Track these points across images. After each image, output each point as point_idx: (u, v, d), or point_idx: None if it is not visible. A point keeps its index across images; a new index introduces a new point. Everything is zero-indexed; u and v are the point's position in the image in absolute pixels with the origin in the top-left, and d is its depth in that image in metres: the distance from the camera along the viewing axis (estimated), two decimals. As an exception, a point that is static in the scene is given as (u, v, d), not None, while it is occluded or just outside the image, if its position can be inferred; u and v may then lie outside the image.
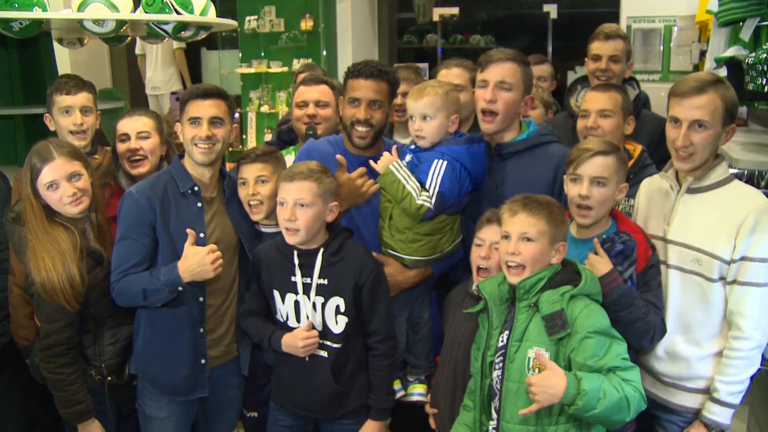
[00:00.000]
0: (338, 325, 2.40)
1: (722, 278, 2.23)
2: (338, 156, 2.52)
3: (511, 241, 2.11)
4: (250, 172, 2.58)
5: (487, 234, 2.38)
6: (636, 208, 2.54)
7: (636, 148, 2.85)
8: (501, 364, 2.10)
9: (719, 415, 2.22)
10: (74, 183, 2.46)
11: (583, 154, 2.27)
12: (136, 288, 2.39)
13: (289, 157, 3.03)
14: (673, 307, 2.32)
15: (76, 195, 2.45)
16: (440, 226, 2.51)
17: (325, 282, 2.37)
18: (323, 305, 2.38)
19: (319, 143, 2.77)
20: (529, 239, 2.09)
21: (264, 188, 2.57)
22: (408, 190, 2.40)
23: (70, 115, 2.99)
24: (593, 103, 2.83)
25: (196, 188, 2.51)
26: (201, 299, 2.52)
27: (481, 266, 2.38)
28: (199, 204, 2.51)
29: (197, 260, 2.33)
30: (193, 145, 2.46)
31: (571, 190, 2.31)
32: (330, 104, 3.15)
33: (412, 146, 2.56)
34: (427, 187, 2.41)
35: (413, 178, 2.43)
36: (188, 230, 2.39)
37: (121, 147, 2.88)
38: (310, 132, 3.02)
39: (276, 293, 2.45)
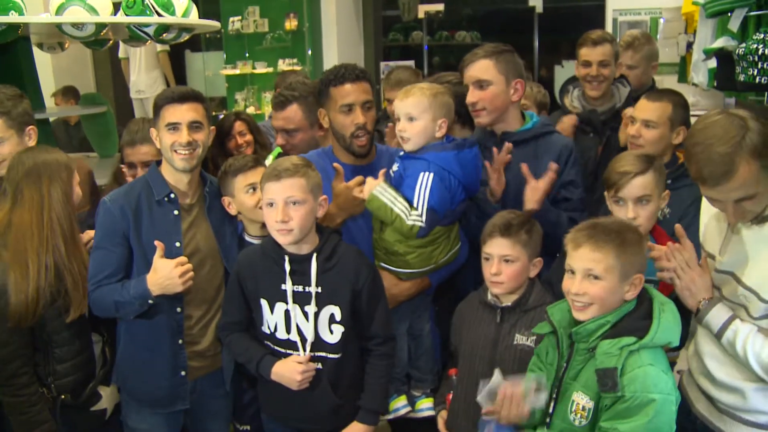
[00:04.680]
0: (333, 334, 2.29)
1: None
2: (335, 165, 2.45)
3: (575, 279, 1.90)
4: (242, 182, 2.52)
5: (492, 248, 2.26)
6: (701, 222, 2.32)
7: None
8: (555, 395, 1.98)
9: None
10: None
11: (623, 177, 2.22)
12: (108, 300, 2.34)
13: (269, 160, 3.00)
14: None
15: None
16: (433, 238, 2.42)
17: (319, 290, 2.26)
18: (316, 315, 2.27)
19: (309, 156, 2.69)
20: (595, 276, 1.87)
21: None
22: (396, 213, 2.30)
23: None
24: (641, 111, 2.82)
25: (172, 195, 2.44)
26: (179, 310, 2.44)
27: (494, 281, 2.27)
28: (176, 212, 2.44)
29: (165, 273, 2.26)
30: (172, 151, 2.38)
31: (617, 212, 2.26)
32: (300, 129, 2.99)
33: (401, 152, 2.48)
34: (414, 204, 2.31)
35: (400, 198, 2.32)
36: (156, 242, 2.31)
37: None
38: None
39: (264, 302, 2.31)
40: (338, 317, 2.26)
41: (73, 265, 2.38)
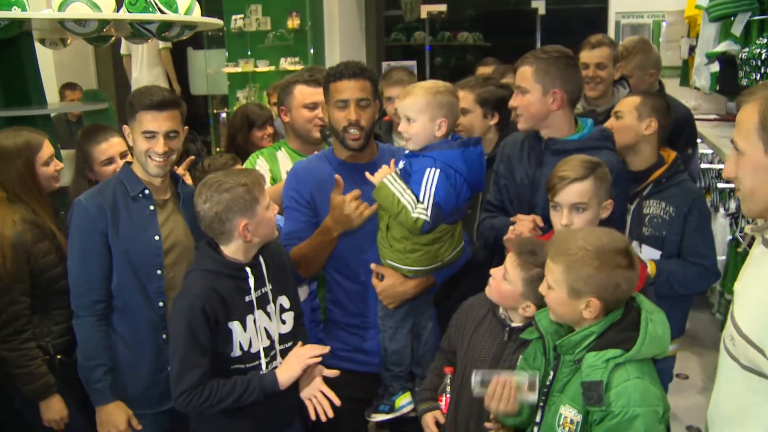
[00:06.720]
0: (286, 324, 2.32)
1: (760, 373, 1.54)
2: (337, 176, 2.43)
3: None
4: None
5: (506, 259, 2.19)
6: None
7: (670, 155, 2.89)
8: (542, 404, 1.95)
9: None
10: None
11: (560, 182, 2.21)
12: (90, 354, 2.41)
13: (261, 162, 3.06)
14: (718, 391, 1.73)
15: None
16: (440, 236, 2.42)
17: (271, 286, 2.29)
18: (275, 311, 2.30)
19: (308, 162, 2.70)
20: (548, 285, 1.90)
21: None
22: (403, 204, 2.30)
23: None
24: (617, 105, 3.01)
25: (146, 191, 2.45)
26: (161, 304, 2.44)
27: (489, 282, 2.24)
28: (152, 207, 2.45)
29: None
30: (147, 157, 2.39)
31: (554, 218, 2.26)
32: None
33: (407, 150, 2.48)
34: (420, 198, 2.31)
35: (409, 191, 2.32)
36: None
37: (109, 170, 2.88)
38: (328, 133, 2.93)
39: (235, 325, 2.19)
40: (287, 305, 2.33)
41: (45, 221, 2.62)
